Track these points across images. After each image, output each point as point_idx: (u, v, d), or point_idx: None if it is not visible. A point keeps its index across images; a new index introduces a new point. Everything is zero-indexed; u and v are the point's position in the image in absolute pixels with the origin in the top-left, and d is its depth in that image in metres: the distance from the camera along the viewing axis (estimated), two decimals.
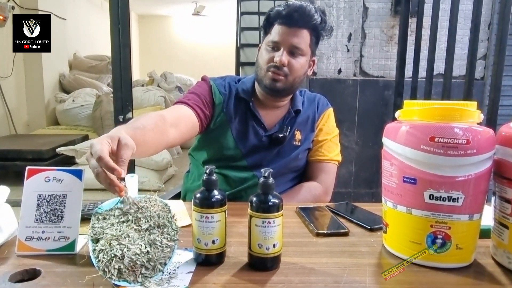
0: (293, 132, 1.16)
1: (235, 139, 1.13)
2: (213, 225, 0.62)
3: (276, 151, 1.14)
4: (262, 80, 1.09)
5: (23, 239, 0.66)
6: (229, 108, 1.13)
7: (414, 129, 0.64)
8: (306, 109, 1.20)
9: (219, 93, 1.14)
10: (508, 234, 0.63)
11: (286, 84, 1.07)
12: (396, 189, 0.66)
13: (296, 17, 1.04)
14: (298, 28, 1.05)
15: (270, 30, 1.08)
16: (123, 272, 0.56)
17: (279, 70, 1.05)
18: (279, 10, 1.07)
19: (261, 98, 1.16)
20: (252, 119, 1.14)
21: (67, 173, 0.68)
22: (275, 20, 1.07)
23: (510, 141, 0.62)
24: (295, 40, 1.05)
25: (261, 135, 1.13)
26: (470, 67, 1.38)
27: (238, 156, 1.13)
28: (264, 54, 1.09)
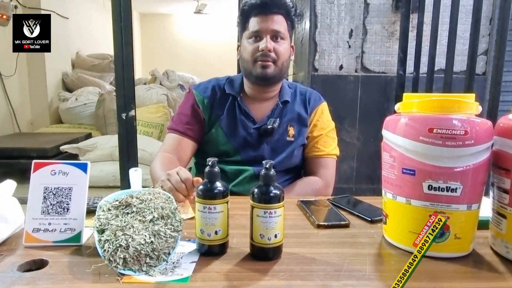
0: (285, 127, 1.18)
1: (225, 134, 1.16)
2: (216, 216, 0.63)
3: (270, 147, 1.16)
4: (251, 71, 1.12)
5: (30, 230, 0.67)
6: (216, 107, 1.18)
7: (413, 121, 0.64)
8: (297, 104, 1.21)
9: (202, 98, 1.19)
10: (506, 224, 0.64)
11: (275, 69, 1.11)
12: (395, 181, 0.67)
13: (270, 3, 1.09)
14: (274, 14, 1.10)
15: (247, 25, 1.13)
16: (128, 261, 0.58)
17: (267, 57, 1.09)
18: (252, 2, 1.11)
19: (250, 93, 1.19)
20: (240, 114, 1.17)
21: (72, 166, 0.70)
22: (250, 12, 1.12)
23: (508, 132, 0.63)
24: (275, 25, 1.09)
25: (249, 128, 1.16)
26: (471, 62, 1.38)
27: (231, 151, 1.16)
28: (248, 46, 1.12)
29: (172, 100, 4.26)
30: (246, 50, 1.12)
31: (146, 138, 3.37)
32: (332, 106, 1.32)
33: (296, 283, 0.56)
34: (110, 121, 3.76)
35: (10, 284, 0.55)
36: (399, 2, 2.02)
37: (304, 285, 0.56)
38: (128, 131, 2.39)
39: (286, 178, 1.19)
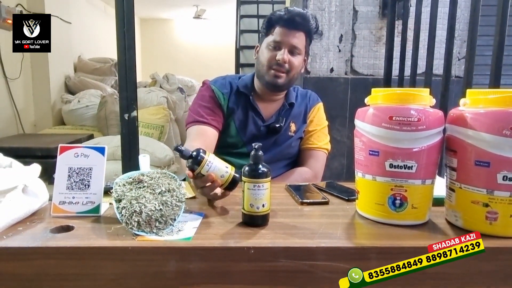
0: (288, 124, 1.31)
1: (237, 128, 1.27)
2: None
3: (273, 140, 1.29)
4: (264, 76, 1.22)
5: (57, 203, 0.80)
6: (232, 102, 1.28)
7: (377, 111, 0.77)
8: (299, 104, 1.35)
9: (221, 93, 1.28)
10: (455, 196, 0.77)
11: (286, 80, 1.21)
12: (364, 161, 0.80)
13: (297, 21, 1.19)
14: (297, 31, 1.20)
15: (271, 32, 1.21)
16: (141, 224, 0.70)
17: (281, 67, 1.19)
18: (281, 14, 1.21)
19: (260, 92, 1.30)
20: (252, 111, 1.28)
21: (92, 149, 0.83)
22: (276, 23, 1.21)
23: (456, 120, 0.76)
24: (294, 40, 1.19)
25: (260, 125, 1.28)
26: (447, 65, 1.52)
27: (239, 144, 1.28)
28: (266, 52, 1.22)
29: (171, 102, 4.38)
30: (264, 55, 1.21)
31: (146, 138, 3.49)
32: (324, 106, 1.45)
33: (278, 241, 0.69)
34: (112, 122, 3.88)
35: (46, 240, 0.67)
36: (385, 9, 2.16)
37: (285, 242, 0.68)
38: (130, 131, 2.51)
39: (284, 165, 1.32)
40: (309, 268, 0.66)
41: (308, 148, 1.34)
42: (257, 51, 1.29)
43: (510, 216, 0.70)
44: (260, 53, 1.25)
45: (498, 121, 0.69)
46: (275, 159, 1.28)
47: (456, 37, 2.20)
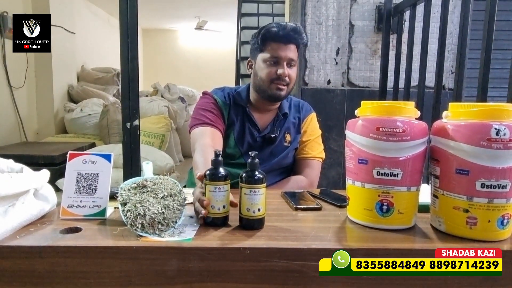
0: (283, 134, 1.36)
1: (235, 139, 1.33)
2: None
3: (269, 151, 1.34)
4: (266, 90, 1.27)
5: (66, 206, 0.85)
6: (231, 114, 1.33)
7: (366, 122, 0.83)
8: (293, 114, 1.40)
9: (223, 104, 1.34)
10: (439, 202, 0.82)
11: (287, 92, 1.29)
12: (354, 169, 0.86)
13: (292, 35, 1.25)
14: (292, 44, 1.27)
15: (267, 47, 1.26)
16: (145, 226, 0.75)
17: (283, 81, 1.26)
18: (275, 30, 1.25)
19: (255, 104, 1.36)
20: (248, 122, 1.34)
21: (99, 156, 0.88)
22: (272, 39, 1.26)
23: (439, 132, 0.82)
24: (291, 54, 1.26)
25: (256, 136, 1.34)
26: (438, 78, 1.58)
27: (237, 154, 1.33)
28: (265, 68, 1.26)
29: (172, 111, 4.45)
30: (264, 71, 1.26)
31: (147, 147, 3.54)
32: (321, 117, 1.51)
33: (272, 243, 0.74)
34: (113, 131, 3.94)
35: (56, 240, 0.72)
36: (380, 24, 2.24)
37: (278, 244, 0.73)
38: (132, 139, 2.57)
39: (279, 173, 1.38)
40: (301, 268, 0.71)
41: (303, 158, 1.39)
42: (250, 65, 1.34)
43: (488, 221, 0.76)
44: (257, 69, 1.29)
45: (476, 132, 0.75)
46: (271, 169, 1.33)
47: (450, 51, 2.27)
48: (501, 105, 0.77)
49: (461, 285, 0.72)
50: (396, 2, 2.15)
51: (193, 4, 5.91)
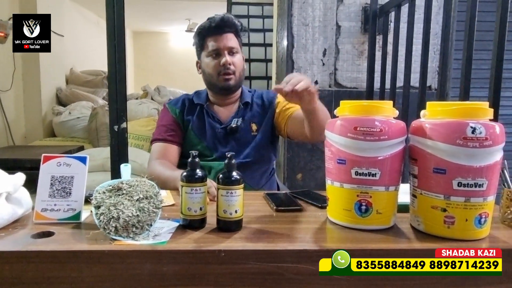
0: (248, 124, 1.37)
1: (197, 135, 1.36)
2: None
3: (236, 142, 1.34)
4: (215, 84, 1.33)
5: (39, 210, 0.83)
6: (187, 114, 1.39)
7: (344, 121, 0.82)
8: (256, 103, 1.41)
9: (175, 109, 1.40)
10: (417, 202, 0.82)
11: (235, 80, 1.32)
12: (333, 169, 0.85)
13: (223, 25, 1.31)
14: (228, 33, 1.32)
15: (206, 44, 1.33)
16: (119, 229, 0.74)
17: (228, 70, 1.30)
18: (208, 25, 1.32)
19: (214, 100, 1.41)
20: (208, 117, 1.38)
21: (74, 159, 0.86)
22: (207, 34, 1.33)
23: (417, 131, 0.81)
24: (229, 42, 1.31)
25: (217, 128, 1.35)
26: (422, 78, 1.58)
27: (205, 150, 1.34)
28: (209, 63, 1.33)
29: None
30: (209, 66, 1.33)
31: (136, 150, 3.51)
32: None
33: (248, 245, 0.73)
34: (102, 134, 3.91)
35: (27, 245, 0.70)
36: (366, 25, 2.24)
37: (255, 246, 0.72)
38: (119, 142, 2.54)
39: (263, 171, 1.37)
40: (278, 270, 0.70)
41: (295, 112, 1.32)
42: (199, 66, 1.41)
43: (465, 220, 0.75)
44: (204, 66, 1.36)
45: (452, 131, 0.74)
46: (250, 164, 1.32)
47: (435, 51, 2.28)
48: (477, 103, 0.77)
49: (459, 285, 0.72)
50: (381, 3, 2.15)
51: (184, 6, 5.90)
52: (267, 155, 1.39)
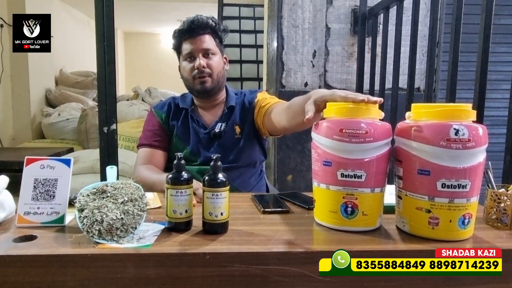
0: (231, 127, 1.34)
1: (181, 140, 1.34)
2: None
3: (221, 147, 1.32)
4: (193, 88, 1.31)
5: (22, 213, 0.82)
6: (172, 119, 1.37)
7: (330, 123, 0.83)
8: (239, 105, 1.39)
9: (161, 113, 1.38)
10: (402, 203, 0.82)
11: (213, 82, 1.29)
12: (319, 171, 0.85)
13: (195, 26, 1.28)
14: (202, 35, 1.29)
15: (181, 48, 1.32)
16: (102, 232, 0.73)
17: (203, 73, 1.27)
18: (180, 29, 1.30)
19: (198, 104, 1.38)
20: (193, 122, 1.36)
21: (58, 161, 0.85)
22: (181, 37, 1.31)
23: (402, 133, 0.82)
24: (204, 45, 1.28)
25: (201, 133, 1.34)
26: (410, 79, 1.60)
27: (190, 155, 1.33)
28: (185, 66, 1.31)
29: None
30: (185, 70, 1.31)
31: (127, 151, 3.48)
32: None
33: (233, 247, 0.72)
34: (92, 136, 3.87)
35: (8, 249, 0.69)
36: (356, 27, 2.26)
37: (240, 248, 0.72)
38: (109, 144, 2.52)
39: (251, 174, 1.36)
40: (262, 272, 0.70)
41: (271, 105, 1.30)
42: (179, 70, 1.39)
43: (449, 221, 0.76)
44: (182, 71, 1.35)
45: (436, 133, 0.75)
46: (236, 168, 1.31)
47: (424, 53, 2.30)
48: (460, 105, 0.78)
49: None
50: (371, 5, 2.17)
51: (175, 7, 5.88)
52: (253, 157, 1.38)
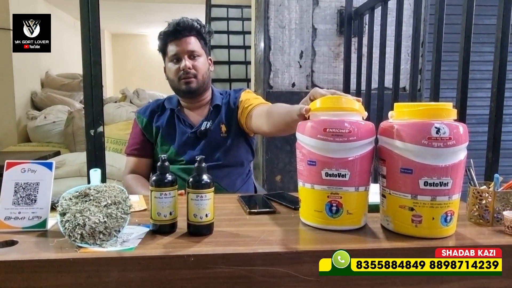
0: (217, 126, 1.35)
1: (167, 141, 1.35)
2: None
3: (207, 146, 1.32)
4: (179, 88, 1.32)
5: (2, 218, 0.80)
6: (155, 121, 1.38)
7: (314, 123, 0.83)
8: (225, 104, 1.39)
9: (142, 118, 1.40)
10: (386, 202, 0.83)
11: (198, 83, 1.30)
12: (304, 171, 0.85)
13: (181, 28, 1.29)
14: (187, 37, 1.30)
15: (167, 50, 1.32)
16: (85, 236, 0.72)
17: (188, 75, 1.28)
18: (165, 31, 1.31)
19: (184, 105, 1.39)
20: (179, 122, 1.36)
21: (39, 165, 0.84)
22: (167, 39, 1.32)
23: (385, 132, 0.83)
24: (189, 46, 1.29)
25: (187, 132, 1.34)
26: (395, 79, 1.62)
27: (174, 155, 1.33)
28: (171, 68, 1.32)
29: None
30: (171, 71, 1.32)
31: (114, 154, 3.45)
32: None
33: (218, 249, 0.72)
34: (79, 139, 3.82)
35: None
36: (342, 27, 2.27)
37: (224, 249, 0.72)
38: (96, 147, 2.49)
39: (235, 172, 1.36)
40: (248, 273, 0.70)
41: (253, 107, 1.30)
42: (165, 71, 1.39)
43: (432, 219, 0.77)
44: (167, 71, 1.36)
45: (418, 131, 0.76)
46: (222, 166, 1.31)
47: (409, 53, 2.33)
48: (441, 104, 0.79)
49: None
50: (356, 5, 2.19)
51: (162, 9, 5.85)
52: (240, 156, 1.38)
